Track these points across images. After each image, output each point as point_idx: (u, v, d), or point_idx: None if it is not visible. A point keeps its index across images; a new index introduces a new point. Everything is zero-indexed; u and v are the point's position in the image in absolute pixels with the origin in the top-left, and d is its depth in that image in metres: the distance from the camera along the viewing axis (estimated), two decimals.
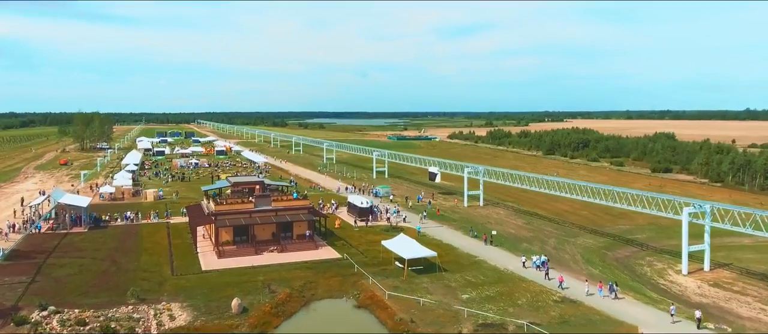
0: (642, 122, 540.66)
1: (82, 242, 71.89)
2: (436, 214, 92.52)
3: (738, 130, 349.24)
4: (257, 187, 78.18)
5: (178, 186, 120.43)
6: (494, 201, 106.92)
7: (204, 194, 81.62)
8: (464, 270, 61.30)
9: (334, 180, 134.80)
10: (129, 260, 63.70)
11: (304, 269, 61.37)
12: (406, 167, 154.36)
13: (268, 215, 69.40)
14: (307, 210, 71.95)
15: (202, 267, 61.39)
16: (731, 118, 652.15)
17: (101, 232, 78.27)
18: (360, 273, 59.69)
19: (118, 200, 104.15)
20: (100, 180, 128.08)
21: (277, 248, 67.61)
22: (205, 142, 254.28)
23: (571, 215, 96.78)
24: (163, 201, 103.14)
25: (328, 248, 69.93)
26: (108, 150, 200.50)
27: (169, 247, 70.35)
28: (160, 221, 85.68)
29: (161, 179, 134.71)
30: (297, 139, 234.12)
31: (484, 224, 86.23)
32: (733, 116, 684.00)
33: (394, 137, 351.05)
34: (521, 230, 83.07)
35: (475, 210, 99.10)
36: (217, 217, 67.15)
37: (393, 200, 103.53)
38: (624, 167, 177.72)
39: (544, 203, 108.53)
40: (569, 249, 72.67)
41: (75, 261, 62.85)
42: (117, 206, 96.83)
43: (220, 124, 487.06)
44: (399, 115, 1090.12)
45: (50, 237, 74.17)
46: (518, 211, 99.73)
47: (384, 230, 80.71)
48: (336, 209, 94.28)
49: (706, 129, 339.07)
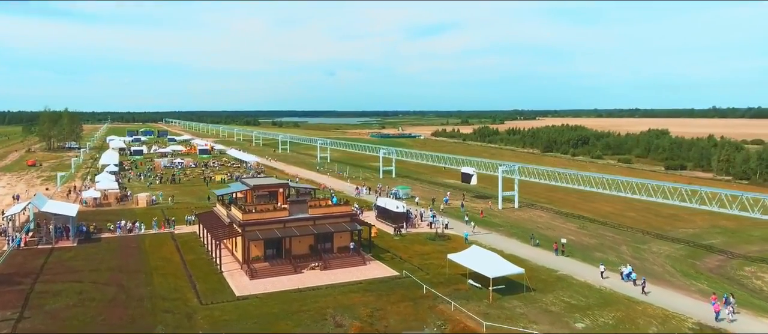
0: (618, 121, 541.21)
1: (74, 260, 58.74)
2: (480, 217, 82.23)
3: (719, 127, 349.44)
4: (281, 191, 66.33)
5: (169, 189, 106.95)
6: (525, 202, 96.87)
7: (218, 200, 69.16)
8: (554, 289, 50.90)
9: (339, 181, 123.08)
10: (139, 284, 51.10)
11: (361, 291, 50.01)
12: (409, 165, 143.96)
13: (306, 225, 57.62)
14: (349, 218, 60.34)
15: (234, 292, 49.33)
16: (699, 116, 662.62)
17: (94, 246, 65.07)
18: (431, 295, 48.72)
19: (105, 206, 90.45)
20: (78, 183, 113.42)
21: (319, 265, 55.99)
22: (182, 141, 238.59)
23: (617, 217, 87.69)
24: (157, 206, 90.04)
25: (377, 262, 58.63)
26: (80, 150, 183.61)
27: (183, 265, 57.91)
28: (161, 231, 72.84)
29: (146, 180, 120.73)
30: (284, 138, 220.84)
31: (533, 228, 76.24)
32: (700, 114, 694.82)
33: (376, 135, 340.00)
34: (582, 236, 73.26)
35: (512, 213, 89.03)
36: (246, 228, 55.07)
37: (418, 203, 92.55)
38: (632, 164, 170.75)
39: (579, 203, 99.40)
40: (651, 258, 63.16)
41: (71, 286, 49.92)
42: (104, 214, 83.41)
43: (190, 123, 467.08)
44: (369, 114, 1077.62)
45: (33, 254, 60.70)
46: (559, 213, 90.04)
47: (429, 238, 69.88)
48: (361, 214, 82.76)
49: (686, 127, 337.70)
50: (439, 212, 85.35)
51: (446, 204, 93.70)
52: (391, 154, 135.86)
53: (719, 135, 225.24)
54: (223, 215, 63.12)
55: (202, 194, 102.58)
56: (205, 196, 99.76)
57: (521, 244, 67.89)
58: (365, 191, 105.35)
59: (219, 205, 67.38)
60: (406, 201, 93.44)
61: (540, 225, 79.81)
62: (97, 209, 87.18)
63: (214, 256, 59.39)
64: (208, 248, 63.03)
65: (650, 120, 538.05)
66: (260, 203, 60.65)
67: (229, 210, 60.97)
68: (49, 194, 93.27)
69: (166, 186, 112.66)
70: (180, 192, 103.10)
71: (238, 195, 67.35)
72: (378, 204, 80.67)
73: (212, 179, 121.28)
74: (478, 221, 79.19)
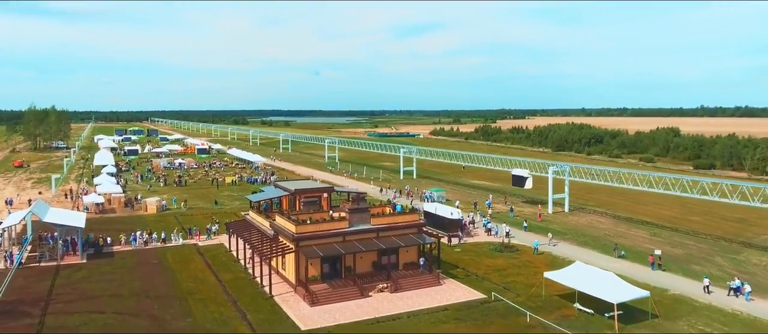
0: (608, 120, 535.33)
1: (88, 282, 48.75)
2: (538, 221, 73.64)
3: (720, 126, 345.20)
4: (325, 196, 57.02)
5: (176, 192, 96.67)
6: (572, 205, 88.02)
7: (251, 206, 59.41)
8: (680, 314, 42.18)
9: (357, 182, 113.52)
10: (176, 314, 41.34)
11: (452, 320, 40.90)
12: (426, 165, 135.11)
13: (369, 238, 48.19)
14: (416, 229, 51.01)
15: (297, 324, 39.79)
16: (689, 115, 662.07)
17: (107, 262, 55.07)
18: (538, 324, 39.81)
19: (109, 213, 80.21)
20: (74, 186, 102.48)
21: (389, 286, 46.70)
22: (176, 140, 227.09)
23: (682, 222, 79.30)
24: (168, 212, 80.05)
25: (453, 281, 49.49)
26: (70, 150, 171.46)
27: (221, 287, 48.17)
28: (182, 242, 62.89)
29: (146, 182, 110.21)
30: (285, 136, 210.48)
31: (602, 236, 67.71)
32: (690, 113, 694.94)
33: (374, 134, 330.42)
34: (662, 246, 64.44)
35: (566, 218, 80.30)
36: (301, 242, 45.55)
37: (459, 208, 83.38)
38: (656, 163, 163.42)
39: (630, 206, 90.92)
40: (759, 272, 54.70)
41: (91, 319, 40.07)
42: (110, 222, 73.40)
43: (178, 122, 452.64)
44: (355, 114, 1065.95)
45: (36, 275, 50.56)
46: (617, 218, 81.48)
47: (494, 249, 60.90)
48: None
49: (686, 126, 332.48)
50: (488, 216, 76.48)
51: (489, 208, 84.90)
52: (411, 153, 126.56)
53: (723, 133, 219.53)
54: (261, 225, 53.43)
55: (212, 197, 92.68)
56: (216, 199, 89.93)
57: (601, 255, 59.15)
58: (390, 194, 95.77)
59: (253, 213, 57.66)
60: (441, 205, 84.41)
61: (606, 232, 71.16)
62: (101, 217, 76.86)
63: (255, 275, 49.98)
64: (246, 265, 53.45)
65: (641, 119, 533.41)
66: (309, 211, 51.09)
67: (271, 220, 51.31)
68: (45, 199, 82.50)
69: (173, 189, 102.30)
70: (189, 196, 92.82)
71: (273, 201, 58.01)
72: (426, 210, 71.29)
73: (222, 180, 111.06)
74: (536, 229, 70.43)
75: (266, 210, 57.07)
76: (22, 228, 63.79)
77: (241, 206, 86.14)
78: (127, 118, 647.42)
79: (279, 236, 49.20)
